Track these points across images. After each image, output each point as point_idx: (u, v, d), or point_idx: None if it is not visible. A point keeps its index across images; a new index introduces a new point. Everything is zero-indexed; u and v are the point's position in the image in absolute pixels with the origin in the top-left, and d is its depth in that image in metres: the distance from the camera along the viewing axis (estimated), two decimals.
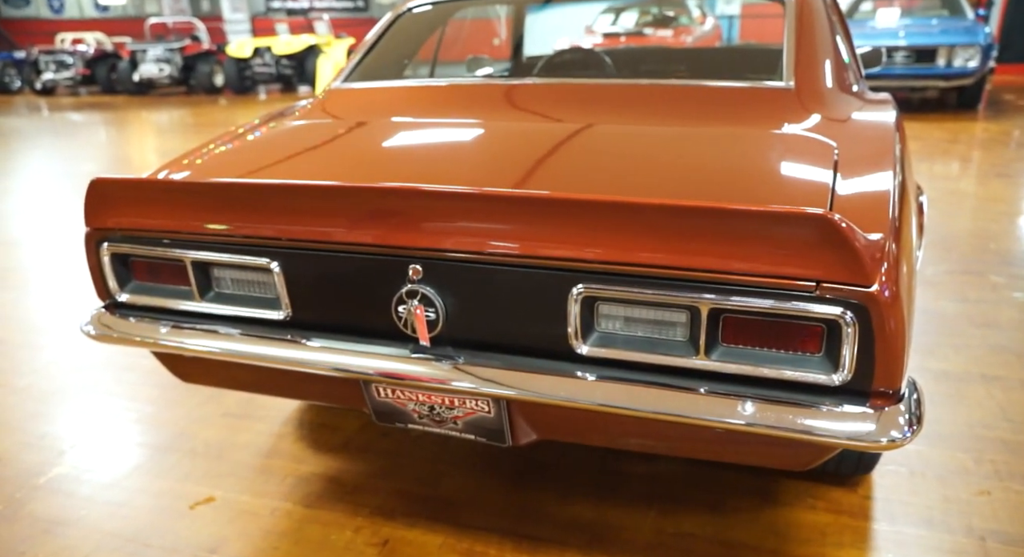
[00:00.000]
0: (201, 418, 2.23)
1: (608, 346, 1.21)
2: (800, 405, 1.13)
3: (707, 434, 1.22)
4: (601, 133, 1.59)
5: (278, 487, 1.89)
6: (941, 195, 4.49)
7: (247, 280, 1.42)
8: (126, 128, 9.00)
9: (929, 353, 2.47)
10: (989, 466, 1.86)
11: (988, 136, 6.40)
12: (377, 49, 2.17)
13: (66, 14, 18.25)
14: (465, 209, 1.22)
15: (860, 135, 1.55)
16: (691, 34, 8.90)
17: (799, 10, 1.85)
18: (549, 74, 2.65)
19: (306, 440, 2.10)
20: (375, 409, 1.45)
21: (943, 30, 7.33)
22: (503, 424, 1.36)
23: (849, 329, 1.08)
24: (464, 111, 1.83)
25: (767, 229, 1.08)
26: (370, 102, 2.00)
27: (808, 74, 1.71)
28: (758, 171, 1.38)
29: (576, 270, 1.18)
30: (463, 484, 1.87)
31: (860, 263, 1.05)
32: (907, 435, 1.09)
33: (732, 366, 1.16)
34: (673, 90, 1.85)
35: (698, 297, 1.13)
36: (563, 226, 1.16)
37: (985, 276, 3.15)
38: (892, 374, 1.10)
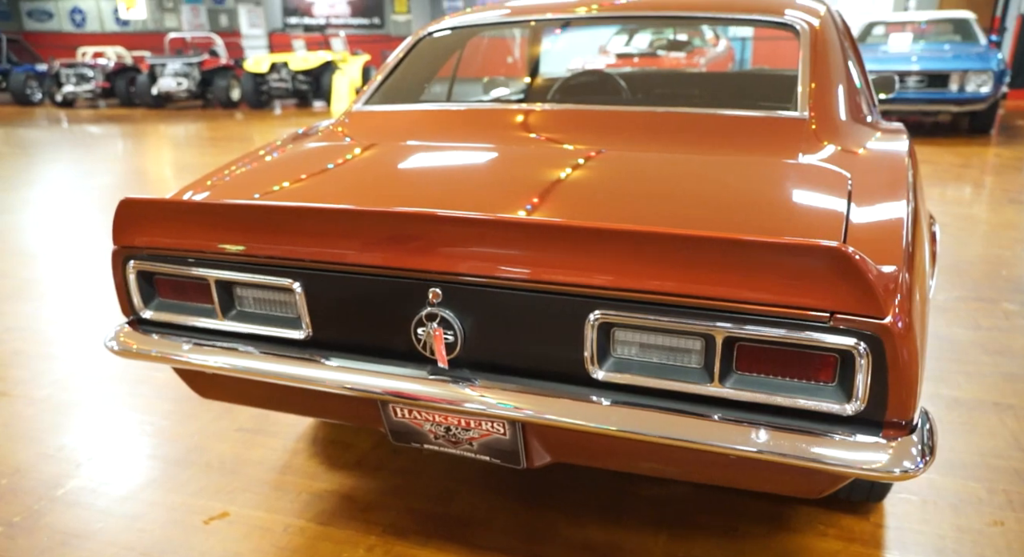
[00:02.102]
0: (216, 433, 2.25)
1: (624, 372, 1.23)
2: (813, 434, 1.14)
3: (720, 460, 1.24)
4: (617, 160, 1.62)
5: (292, 503, 1.91)
6: (953, 220, 4.50)
7: (269, 300, 1.45)
8: (143, 141, 9.12)
9: (941, 380, 2.47)
10: (1002, 496, 1.86)
11: (1000, 162, 6.39)
12: (398, 72, 2.21)
13: (88, 28, 18.57)
14: (484, 235, 1.24)
15: (873, 166, 1.57)
16: (704, 56, 8.95)
17: (813, 40, 1.87)
18: (565, 97, 2.68)
19: (319, 457, 2.12)
20: (392, 429, 1.47)
21: (955, 55, 7.35)
22: (518, 446, 1.37)
23: (862, 360, 1.09)
24: (482, 136, 1.86)
25: (781, 260, 1.10)
26: (390, 125, 2.04)
27: (822, 104, 1.74)
28: (773, 201, 1.40)
29: (593, 296, 1.20)
30: (475, 503, 1.88)
31: (873, 295, 1.06)
32: (920, 466, 1.10)
33: (746, 394, 1.17)
34: (688, 118, 1.88)
35: (713, 325, 1.15)
36: (580, 253, 1.18)
37: (998, 303, 3.15)
38: (905, 405, 1.12)
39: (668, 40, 8.92)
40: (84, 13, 18.52)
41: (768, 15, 2.05)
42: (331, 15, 17.95)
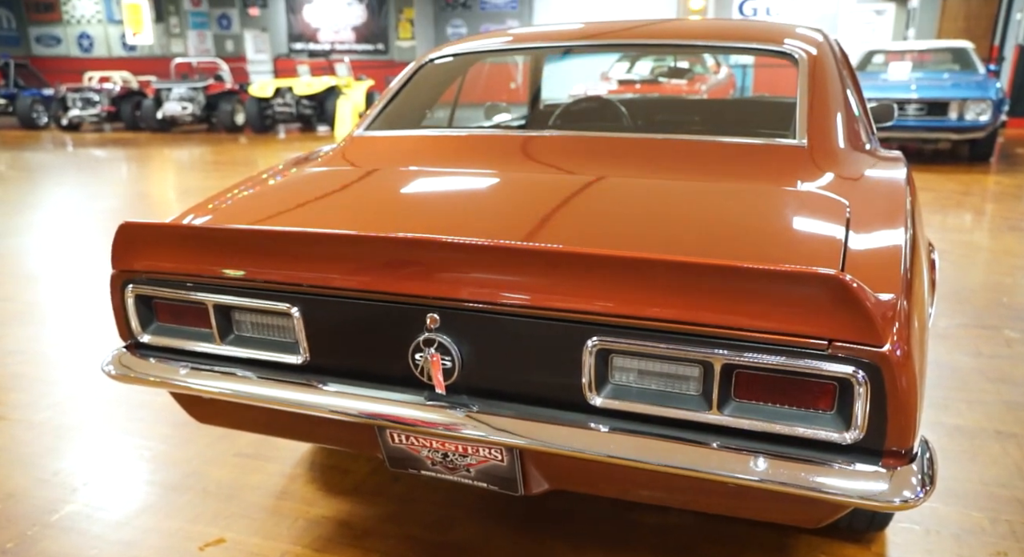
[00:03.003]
0: (213, 458, 2.24)
1: (622, 398, 1.23)
2: (812, 463, 1.13)
3: (719, 488, 1.23)
4: (617, 187, 1.63)
5: (288, 530, 1.89)
6: (954, 247, 4.50)
7: (267, 324, 1.45)
8: (148, 165, 9.19)
9: (943, 408, 2.45)
10: (1005, 526, 1.84)
11: (1000, 189, 6.42)
12: (399, 98, 2.24)
13: (95, 53, 18.82)
14: (482, 261, 1.25)
15: (872, 193, 1.58)
16: (705, 83, 9.04)
17: (811, 68, 1.89)
18: (566, 123, 2.71)
19: (317, 482, 2.10)
20: (389, 455, 1.46)
21: (955, 84, 7.42)
22: (516, 473, 1.37)
23: (861, 388, 1.09)
24: (482, 162, 1.88)
25: (779, 288, 1.10)
26: (391, 151, 2.05)
27: (820, 132, 1.75)
28: (771, 229, 1.40)
29: (591, 323, 1.20)
30: (473, 531, 1.86)
31: (872, 323, 1.06)
32: (920, 495, 1.09)
33: (745, 421, 1.17)
34: (688, 145, 1.89)
35: (711, 352, 1.15)
36: (578, 280, 1.19)
37: (999, 331, 3.14)
38: (904, 433, 1.11)
39: (669, 67, 9.01)
40: (92, 38, 18.78)
41: (767, 44, 2.07)
42: (336, 41, 18.19)
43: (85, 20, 18.49)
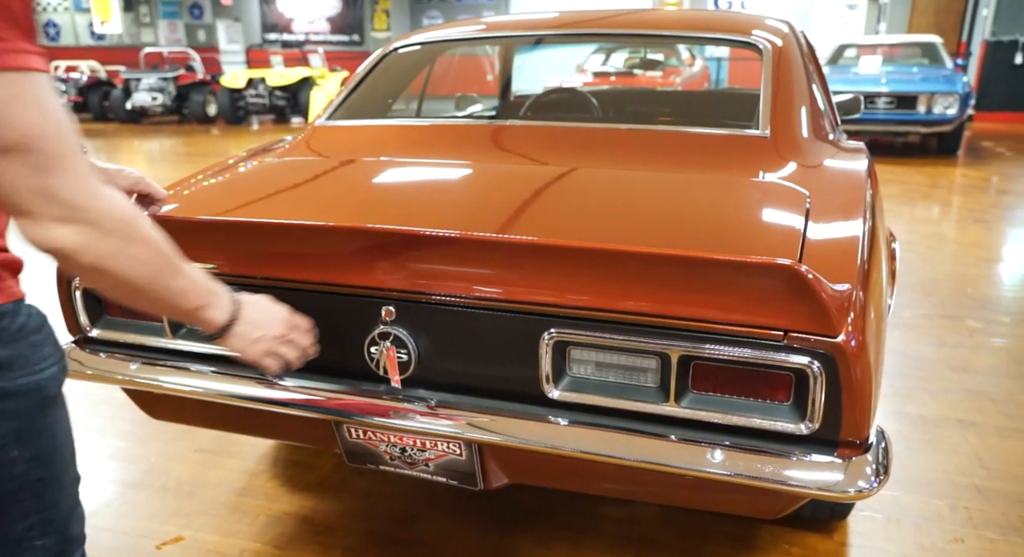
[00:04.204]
0: (174, 454, 2.20)
1: (579, 391, 1.22)
2: (769, 454, 1.13)
3: (678, 481, 1.22)
4: (579, 178, 1.61)
5: (249, 527, 1.86)
6: (921, 239, 4.56)
7: None
8: (116, 156, 9.02)
9: (907, 397, 2.48)
10: (963, 513, 1.86)
11: (967, 181, 6.52)
12: (363, 87, 2.20)
13: (62, 42, 18.40)
14: (438, 252, 1.23)
15: (832, 184, 1.58)
16: (680, 75, 9.06)
17: (776, 60, 1.89)
18: (536, 114, 2.68)
19: (280, 478, 2.07)
20: (346, 450, 1.43)
21: (923, 78, 7.51)
22: (474, 467, 1.35)
23: (816, 379, 1.08)
24: (446, 152, 1.85)
25: (736, 278, 1.09)
26: (353, 140, 2.02)
27: (783, 123, 1.75)
28: (732, 219, 1.39)
29: (548, 315, 1.18)
30: (438, 526, 1.85)
31: (826, 313, 1.06)
32: (874, 485, 1.10)
33: (702, 413, 1.16)
34: (654, 135, 1.88)
35: (668, 344, 1.14)
36: (533, 270, 1.17)
37: (962, 321, 3.18)
38: (859, 424, 1.11)
39: (641, 59, 9.01)
40: (58, 26, 18.36)
41: (733, 34, 2.07)
42: (310, 31, 17.97)
43: (51, 8, 18.05)
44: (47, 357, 0.86)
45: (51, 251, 0.77)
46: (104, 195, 0.78)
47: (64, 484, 0.92)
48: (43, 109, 0.72)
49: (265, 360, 1.08)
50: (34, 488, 0.87)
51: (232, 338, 1.02)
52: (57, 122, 0.73)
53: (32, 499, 0.87)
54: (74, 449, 0.95)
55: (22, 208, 0.74)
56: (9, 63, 0.69)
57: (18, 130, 0.70)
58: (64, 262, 0.79)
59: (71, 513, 0.94)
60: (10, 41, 0.69)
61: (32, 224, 0.75)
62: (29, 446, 0.85)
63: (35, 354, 0.84)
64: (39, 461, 0.87)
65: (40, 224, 0.75)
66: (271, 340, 1.07)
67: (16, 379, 0.82)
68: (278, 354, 1.10)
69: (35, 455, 0.86)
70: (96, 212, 0.77)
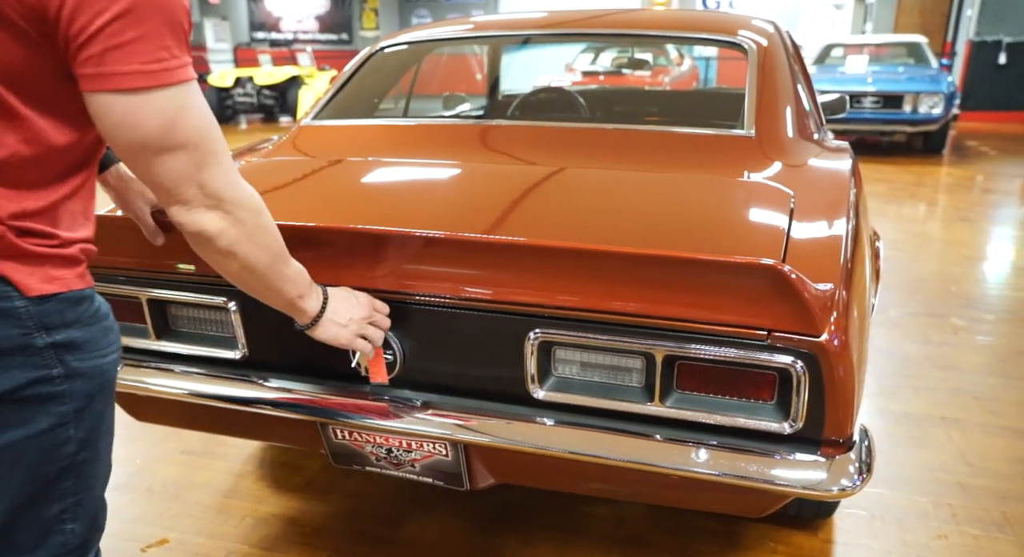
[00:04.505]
0: (160, 456, 2.18)
1: (564, 391, 1.22)
2: (753, 453, 1.14)
3: (662, 480, 1.22)
4: (564, 178, 1.61)
5: (235, 529, 1.85)
6: (907, 237, 4.59)
7: (203, 319, 1.41)
8: None
9: (892, 395, 2.50)
10: (947, 510, 1.88)
11: (952, 180, 6.57)
12: (349, 87, 2.19)
13: None
14: (423, 252, 1.22)
15: (816, 183, 1.58)
16: (669, 75, 9.08)
17: (761, 59, 1.90)
18: (523, 114, 2.69)
19: (267, 479, 2.06)
20: (332, 451, 1.43)
21: (909, 78, 7.56)
22: (461, 468, 1.35)
23: (800, 378, 1.09)
24: (432, 152, 1.85)
25: (719, 278, 1.10)
26: (341, 140, 2.01)
27: (768, 123, 1.76)
28: (716, 219, 1.40)
29: (533, 315, 1.19)
30: (425, 526, 1.84)
31: (809, 313, 1.07)
32: (856, 484, 1.10)
33: (687, 413, 1.17)
34: (640, 135, 1.88)
35: (653, 344, 1.14)
36: (518, 270, 1.17)
37: (947, 319, 3.21)
38: (842, 422, 1.12)
39: (629, 58, 9.03)
40: None
41: (719, 34, 2.08)
42: (299, 30, 17.87)
43: None
44: (112, 343, 0.94)
45: (195, 233, 0.91)
46: (243, 188, 0.93)
47: (101, 471, 0.97)
48: (203, 114, 0.86)
49: (357, 342, 1.19)
50: (79, 469, 0.91)
51: (324, 324, 1.15)
52: (211, 124, 0.87)
53: (74, 480, 0.91)
54: (112, 436, 1.00)
55: (180, 196, 0.88)
56: (182, 77, 0.83)
57: (187, 132, 0.84)
58: (203, 244, 0.93)
59: (101, 502, 0.99)
60: (180, 57, 0.82)
61: (185, 210, 0.89)
62: (83, 427, 0.90)
63: (104, 338, 0.92)
64: (88, 443, 0.91)
65: (192, 210, 0.89)
66: (359, 322, 1.19)
67: (85, 360, 0.89)
68: (367, 336, 1.20)
69: (86, 436, 0.91)
70: (235, 203, 0.91)
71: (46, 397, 0.86)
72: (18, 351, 0.83)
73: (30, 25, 0.77)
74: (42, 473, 0.88)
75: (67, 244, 0.88)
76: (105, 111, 0.81)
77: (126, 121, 0.81)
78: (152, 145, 0.83)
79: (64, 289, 0.87)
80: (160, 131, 0.82)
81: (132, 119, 0.81)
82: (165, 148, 0.84)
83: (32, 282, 0.84)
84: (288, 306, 1.10)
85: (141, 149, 0.84)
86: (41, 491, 0.89)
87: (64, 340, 0.86)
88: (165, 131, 0.82)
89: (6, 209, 0.82)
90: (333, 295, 1.17)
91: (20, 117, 0.81)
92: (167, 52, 0.81)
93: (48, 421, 0.87)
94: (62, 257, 0.87)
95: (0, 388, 0.83)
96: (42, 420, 0.86)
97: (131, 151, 0.85)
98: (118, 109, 0.80)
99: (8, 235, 0.82)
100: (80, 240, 0.91)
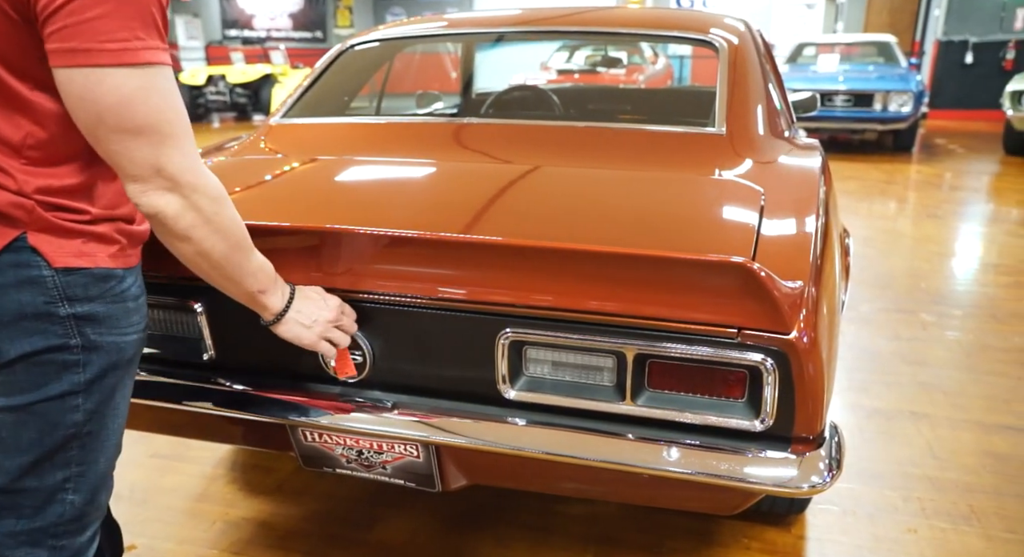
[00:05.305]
0: (127, 459, 2.12)
1: (536, 391, 1.21)
2: (724, 451, 1.14)
3: (633, 479, 1.22)
4: (536, 177, 1.60)
5: (205, 533, 1.82)
6: (878, 234, 4.66)
7: (169, 321, 1.38)
8: None
9: (863, 390, 2.53)
10: (916, 504, 1.90)
11: (921, 178, 6.68)
12: (319, 85, 2.16)
13: None
14: (391, 251, 1.21)
15: (786, 181, 1.59)
16: (643, 73, 9.12)
17: (732, 58, 1.90)
18: (497, 112, 2.67)
19: (238, 482, 2.03)
20: (302, 453, 1.41)
21: (879, 76, 7.67)
22: (432, 469, 1.33)
23: (770, 376, 1.09)
24: (403, 151, 1.83)
25: (689, 276, 1.09)
26: (310, 139, 1.98)
27: (739, 120, 1.76)
28: (687, 217, 1.40)
29: (504, 314, 1.18)
30: (398, 528, 1.83)
31: (778, 311, 1.07)
32: (827, 480, 1.11)
33: (658, 411, 1.16)
34: (613, 133, 1.88)
35: (624, 342, 1.14)
36: (488, 270, 1.16)
37: (917, 314, 3.26)
38: (812, 420, 1.12)
39: (603, 57, 9.06)
40: None
41: (690, 32, 2.08)
42: (272, 28, 17.67)
43: None
44: (135, 324, 0.99)
45: (152, 214, 0.91)
46: (204, 174, 0.94)
47: (107, 446, 1.00)
48: (166, 97, 0.87)
49: (320, 344, 1.19)
50: (84, 440, 0.96)
51: (288, 323, 1.15)
52: (174, 109, 0.89)
53: (78, 450, 0.96)
54: (124, 420, 1.04)
55: (137, 176, 0.88)
56: (145, 58, 0.84)
57: (146, 113, 0.85)
58: (160, 226, 0.93)
59: (104, 478, 1.02)
60: (146, 40, 0.84)
61: (141, 190, 0.89)
62: (92, 399, 0.95)
63: (125, 318, 0.97)
64: (96, 415, 0.96)
65: (148, 192, 0.89)
66: (324, 324, 1.17)
67: (104, 335, 0.94)
68: (331, 339, 1.20)
69: (94, 408, 0.96)
70: (194, 187, 0.91)
71: (62, 364, 0.91)
72: (41, 317, 0.89)
73: (15, 10, 0.81)
74: (49, 437, 0.92)
75: (98, 221, 0.93)
76: (67, 86, 0.83)
77: (84, 96, 0.83)
78: (108, 122, 0.84)
79: (91, 265, 0.92)
80: (117, 108, 0.84)
81: (90, 94, 0.83)
82: (123, 127, 0.85)
83: (60, 254, 0.89)
84: (249, 299, 1.10)
85: (97, 124, 0.85)
86: (47, 456, 0.93)
87: (85, 313, 0.91)
88: (122, 108, 0.84)
89: (32, 184, 0.88)
90: (301, 295, 1.16)
91: (27, 101, 0.86)
92: (130, 33, 0.82)
93: (60, 388, 0.91)
94: (94, 234, 0.93)
95: (21, 350, 0.88)
96: (55, 386, 0.91)
97: (88, 127, 0.86)
98: (78, 83, 0.82)
99: (37, 209, 0.88)
100: (117, 218, 0.96)
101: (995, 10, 10.81)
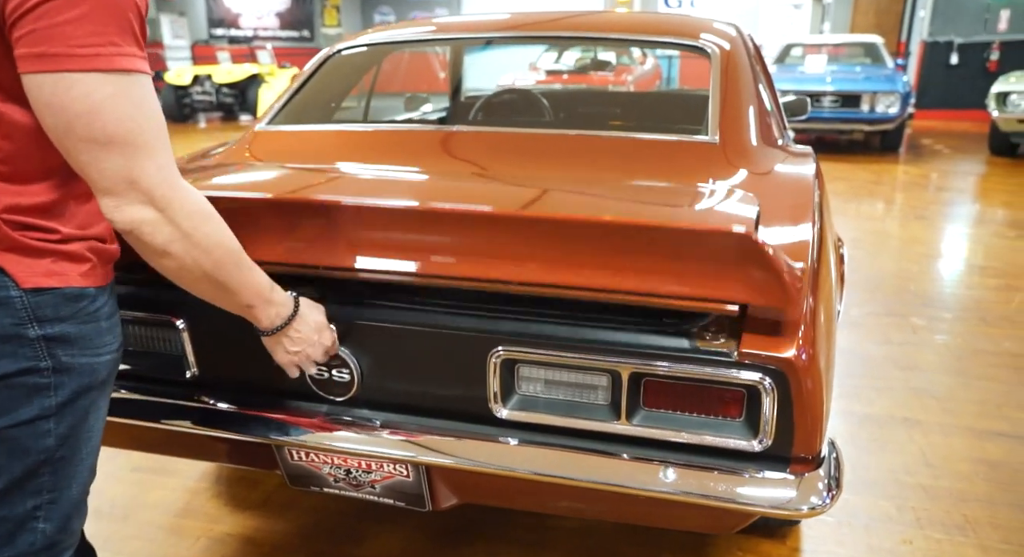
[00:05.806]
0: (109, 474, 2.09)
1: (529, 410, 1.18)
2: (722, 471, 1.11)
3: (630, 499, 1.19)
4: (524, 186, 1.57)
5: (188, 550, 1.78)
6: (866, 235, 4.66)
7: (151, 337, 1.34)
8: None
9: (855, 396, 2.51)
10: (911, 514, 1.89)
11: (908, 178, 6.70)
12: (305, 91, 2.12)
13: None
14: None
15: (781, 190, 1.57)
16: (632, 74, 9.11)
17: (724, 64, 1.88)
18: (486, 117, 2.64)
19: (223, 497, 1.99)
20: (288, 472, 1.37)
21: (866, 77, 7.69)
22: (422, 488, 1.30)
23: (768, 395, 1.07)
24: (390, 160, 1.79)
25: (687, 268, 1.07)
26: (296, 146, 1.94)
27: (732, 129, 1.74)
28: (681, 224, 1.37)
29: (496, 331, 1.14)
30: (387, 544, 1.79)
31: (779, 331, 1.04)
32: (826, 502, 1.09)
33: (654, 431, 1.14)
34: (605, 142, 1.85)
35: (619, 361, 1.11)
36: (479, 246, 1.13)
37: (907, 318, 3.25)
38: (811, 439, 1.10)
39: (592, 59, 9.05)
40: None
41: (681, 38, 2.05)
42: (259, 27, 17.54)
43: None
44: (108, 344, 0.96)
45: (127, 229, 0.87)
46: (182, 188, 0.89)
47: (80, 471, 0.96)
48: (140, 107, 0.83)
49: (291, 368, 1.18)
50: (55, 466, 0.92)
51: (271, 342, 1.13)
52: (149, 119, 0.84)
53: (50, 476, 0.92)
54: (99, 442, 1.00)
55: (109, 189, 0.84)
56: (119, 65, 0.80)
57: (117, 123, 0.81)
58: (137, 241, 0.89)
59: (77, 505, 0.98)
60: (121, 46, 0.80)
61: (115, 204, 0.85)
62: (64, 423, 0.91)
63: (99, 338, 0.93)
64: (68, 439, 0.92)
65: (121, 206, 0.85)
66: (304, 356, 1.16)
67: (77, 356, 0.91)
68: (301, 367, 1.18)
69: (67, 433, 0.92)
70: (169, 200, 0.87)
71: (32, 388, 0.88)
72: (10, 340, 0.85)
73: None
74: (19, 463, 0.89)
75: (70, 240, 0.90)
76: (36, 93, 0.80)
77: (52, 103, 0.79)
78: (78, 131, 0.81)
79: (62, 284, 0.88)
80: (86, 117, 0.80)
81: (58, 101, 0.79)
82: (92, 137, 0.81)
83: (28, 274, 0.86)
84: (239, 310, 1.07)
85: (67, 134, 0.81)
86: (16, 483, 0.89)
87: (56, 334, 0.88)
88: (92, 117, 0.80)
89: (0, 202, 0.84)
90: (298, 324, 1.12)
91: None
92: (104, 38, 0.79)
93: (30, 413, 0.88)
94: (64, 253, 0.89)
95: None
96: (25, 411, 0.88)
97: (58, 137, 0.82)
98: (46, 90, 0.79)
99: (4, 228, 0.84)
100: (89, 237, 0.92)
101: (979, 11, 10.88)
